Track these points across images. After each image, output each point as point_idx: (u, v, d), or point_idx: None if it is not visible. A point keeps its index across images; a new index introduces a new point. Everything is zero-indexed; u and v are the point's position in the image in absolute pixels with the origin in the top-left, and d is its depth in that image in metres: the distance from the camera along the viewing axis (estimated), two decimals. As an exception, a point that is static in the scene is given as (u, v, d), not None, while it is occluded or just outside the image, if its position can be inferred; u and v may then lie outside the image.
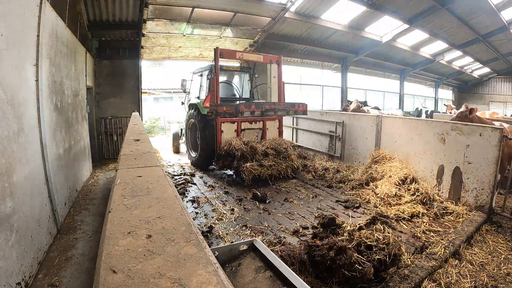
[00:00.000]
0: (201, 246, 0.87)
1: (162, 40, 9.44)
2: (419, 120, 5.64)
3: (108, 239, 0.90)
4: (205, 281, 0.71)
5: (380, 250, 2.80)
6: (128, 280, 0.71)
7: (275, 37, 11.06)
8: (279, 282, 1.44)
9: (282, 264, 1.51)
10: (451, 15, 10.78)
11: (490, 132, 4.09)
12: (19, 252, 2.45)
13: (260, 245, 1.82)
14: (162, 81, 17.98)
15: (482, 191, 4.20)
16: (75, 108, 5.26)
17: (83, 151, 5.97)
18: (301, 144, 8.46)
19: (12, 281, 2.30)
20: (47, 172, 3.34)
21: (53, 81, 3.90)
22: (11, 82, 2.59)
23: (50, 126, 3.67)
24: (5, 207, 2.29)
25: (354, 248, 2.75)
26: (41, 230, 3.03)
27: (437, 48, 15.04)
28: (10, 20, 2.60)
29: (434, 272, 2.90)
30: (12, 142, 2.54)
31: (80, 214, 4.32)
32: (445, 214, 4.20)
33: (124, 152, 2.13)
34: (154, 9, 7.78)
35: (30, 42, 3.09)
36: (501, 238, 3.67)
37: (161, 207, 1.17)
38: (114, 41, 8.40)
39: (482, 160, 4.16)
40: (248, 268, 1.65)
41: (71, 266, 2.98)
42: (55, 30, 4.01)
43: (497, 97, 22.02)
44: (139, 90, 8.73)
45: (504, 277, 2.93)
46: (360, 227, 3.44)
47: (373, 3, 9.87)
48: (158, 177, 1.55)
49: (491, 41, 13.88)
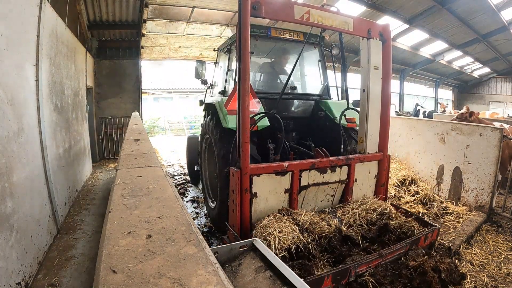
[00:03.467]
0: (201, 246, 0.87)
1: (162, 40, 9.45)
2: (419, 120, 5.64)
3: (108, 239, 0.90)
4: (205, 281, 0.71)
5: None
6: (128, 280, 0.71)
7: (275, 37, 11.04)
8: (279, 282, 1.44)
9: (282, 264, 1.51)
10: (451, 15, 10.77)
11: (490, 132, 4.08)
12: (19, 252, 2.45)
13: (260, 245, 1.82)
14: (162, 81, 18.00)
15: (482, 191, 4.20)
16: (75, 108, 5.26)
17: (83, 151, 5.97)
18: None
19: (12, 281, 2.30)
20: (47, 172, 3.33)
21: (53, 81, 3.90)
22: (11, 82, 2.59)
23: (50, 126, 3.66)
24: (5, 207, 2.29)
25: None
26: (41, 230, 3.03)
27: (437, 48, 15.03)
28: (10, 20, 2.60)
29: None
30: (12, 142, 2.54)
31: (80, 214, 4.32)
32: (445, 214, 4.20)
33: (124, 152, 2.13)
34: (154, 9, 7.78)
35: (30, 42, 3.09)
36: (501, 238, 3.67)
37: (161, 207, 1.17)
38: (114, 41, 8.41)
39: (482, 160, 4.16)
40: (248, 268, 1.65)
41: (71, 266, 2.98)
42: (55, 30, 4.01)
43: (497, 97, 22.02)
44: (139, 90, 8.73)
45: (504, 277, 2.93)
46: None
47: (373, 3, 9.87)
48: (158, 177, 1.55)
49: (491, 41, 13.87)
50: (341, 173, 3.23)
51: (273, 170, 2.80)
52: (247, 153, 2.58)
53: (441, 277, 2.35)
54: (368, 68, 3.36)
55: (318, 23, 2.93)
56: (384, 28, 3.36)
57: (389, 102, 3.53)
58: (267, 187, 2.82)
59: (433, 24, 11.75)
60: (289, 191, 2.95)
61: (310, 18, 2.86)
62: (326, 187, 3.21)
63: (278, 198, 2.92)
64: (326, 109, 4.02)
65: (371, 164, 3.48)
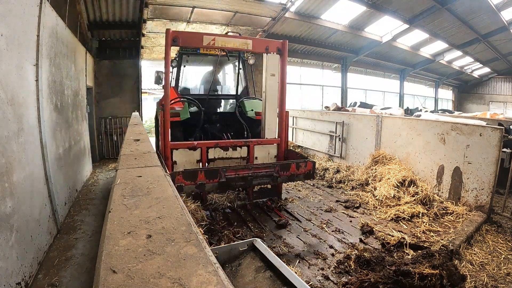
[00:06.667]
0: (201, 246, 0.87)
1: (162, 40, 9.42)
2: (419, 120, 5.64)
3: (108, 239, 0.90)
4: (205, 281, 0.71)
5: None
6: (128, 280, 0.71)
7: (275, 37, 11.04)
8: (279, 282, 1.44)
9: (282, 264, 1.51)
10: (451, 15, 10.78)
11: (490, 132, 4.08)
12: (19, 252, 2.45)
13: (260, 245, 1.82)
14: (162, 81, 17.98)
15: (482, 191, 4.20)
16: (75, 108, 5.26)
17: (83, 151, 5.97)
18: (301, 144, 8.46)
19: (12, 281, 2.30)
20: (47, 172, 3.33)
21: (53, 81, 3.90)
22: (11, 82, 2.59)
23: (50, 126, 3.66)
24: (5, 207, 2.29)
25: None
26: (41, 230, 3.03)
27: (437, 48, 15.04)
28: (10, 20, 2.59)
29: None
30: (12, 142, 2.54)
31: (80, 214, 4.32)
32: (445, 214, 4.20)
33: (124, 152, 2.13)
34: (154, 9, 7.78)
35: (30, 42, 3.09)
36: (501, 238, 3.67)
37: (161, 207, 1.17)
38: (114, 41, 8.41)
39: (482, 160, 4.16)
40: (248, 268, 1.65)
41: (71, 266, 2.98)
42: (55, 30, 4.01)
43: (497, 97, 22.02)
44: (139, 90, 8.73)
45: (504, 277, 2.93)
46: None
47: (373, 3, 9.87)
48: (158, 177, 1.55)
49: (491, 41, 13.88)
50: (241, 152, 4.37)
51: (186, 146, 4.07)
52: (167, 135, 3.85)
53: (442, 283, 2.35)
54: (266, 76, 4.35)
55: (222, 46, 4.02)
56: (282, 44, 4.34)
57: (285, 101, 4.52)
58: (184, 158, 4.05)
59: (433, 24, 11.76)
60: (200, 161, 4.16)
61: (216, 43, 3.92)
62: (230, 161, 4.31)
63: (192, 166, 4.04)
64: (242, 106, 5.01)
65: (270, 146, 4.59)
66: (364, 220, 4.11)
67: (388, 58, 15.56)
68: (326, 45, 12.80)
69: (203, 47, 4.24)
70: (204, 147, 4.14)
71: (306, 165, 4.14)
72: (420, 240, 3.53)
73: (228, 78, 6.48)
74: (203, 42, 3.82)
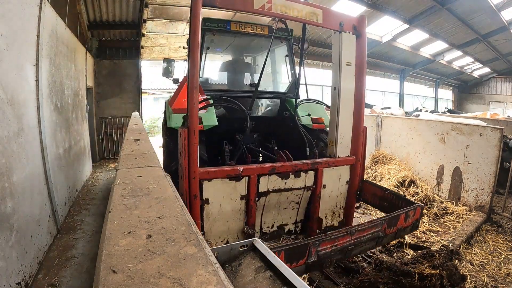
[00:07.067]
0: (201, 246, 0.87)
1: (162, 40, 9.44)
2: (419, 120, 5.64)
3: (108, 239, 0.90)
4: (205, 281, 0.71)
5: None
6: (128, 280, 0.71)
7: (275, 37, 11.06)
8: (279, 282, 1.43)
9: (282, 264, 1.51)
10: (451, 15, 10.78)
11: (490, 132, 4.08)
12: (19, 252, 2.45)
13: (260, 245, 1.82)
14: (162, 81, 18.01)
15: (482, 191, 4.20)
16: (75, 108, 5.26)
17: (83, 151, 5.97)
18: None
19: (12, 281, 2.30)
20: (47, 172, 3.33)
21: (53, 81, 3.90)
22: (11, 82, 2.59)
23: (50, 126, 3.66)
24: (5, 207, 2.29)
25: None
26: (41, 230, 3.03)
27: (437, 48, 15.04)
28: (10, 20, 2.59)
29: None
30: (12, 142, 2.54)
31: (80, 214, 4.32)
32: (445, 214, 4.20)
33: (124, 152, 2.13)
34: (154, 9, 7.78)
35: (30, 42, 3.09)
36: (501, 238, 3.68)
37: (161, 207, 1.17)
38: (114, 41, 8.41)
39: (482, 160, 4.16)
40: (248, 268, 1.65)
41: (71, 266, 2.98)
42: (55, 30, 4.01)
43: (497, 97, 22.02)
44: (139, 90, 8.73)
45: (504, 277, 2.93)
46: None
47: (373, 3, 9.87)
48: (158, 177, 1.55)
49: (491, 41, 13.87)
50: (306, 179, 2.90)
51: (226, 175, 2.53)
52: (195, 155, 2.27)
53: (442, 283, 2.36)
54: (339, 64, 2.96)
55: (281, 13, 2.57)
56: (359, 21, 2.97)
57: (363, 101, 3.14)
58: (220, 193, 2.59)
59: (433, 24, 11.76)
60: (245, 198, 2.68)
61: (272, 8, 2.51)
62: (289, 193, 2.90)
63: (234, 205, 2.66)
64: (292, 109, 3.68)
65: (342, 169, 3.10)
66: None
67: (388, 58, 15.56)
68: (326, 45, 12.82)
69: (252, 12, 2.52)
70: (254, 174, 2.64)
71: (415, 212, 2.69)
72: (420, 240, 3.53)
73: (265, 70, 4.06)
74: (254, 5, 2.44)
